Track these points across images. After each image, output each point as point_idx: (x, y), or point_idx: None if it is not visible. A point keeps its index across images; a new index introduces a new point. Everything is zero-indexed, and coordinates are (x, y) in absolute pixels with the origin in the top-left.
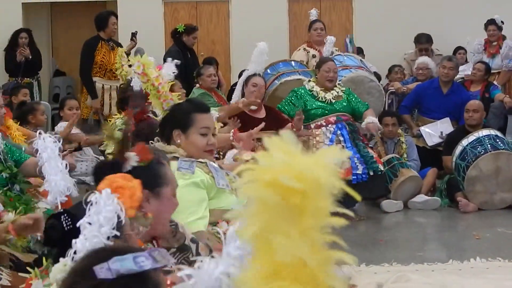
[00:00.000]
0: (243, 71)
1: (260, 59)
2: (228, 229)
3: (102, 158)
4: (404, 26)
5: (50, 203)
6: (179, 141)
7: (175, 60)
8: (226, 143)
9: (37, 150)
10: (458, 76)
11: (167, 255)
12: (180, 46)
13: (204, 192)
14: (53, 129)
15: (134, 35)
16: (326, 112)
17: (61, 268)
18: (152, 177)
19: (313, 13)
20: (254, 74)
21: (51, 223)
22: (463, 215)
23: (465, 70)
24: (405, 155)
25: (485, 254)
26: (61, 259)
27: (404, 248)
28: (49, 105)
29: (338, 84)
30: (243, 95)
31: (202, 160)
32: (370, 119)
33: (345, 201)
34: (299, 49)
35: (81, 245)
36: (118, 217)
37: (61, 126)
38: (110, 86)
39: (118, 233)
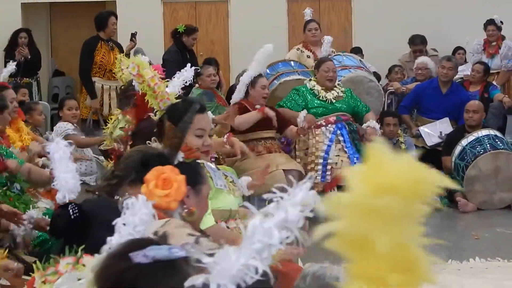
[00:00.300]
0: (243, 71)
1: (264, 61)
2: (248, 223)
3: (101, 158)
4: (403, 26)
5: (59, 200)
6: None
7: (182, 78)
8: (220, 146)
9: (48, 153)
10: (457, 76)
11: (200, 249)
12: (180, 46)
13: None
14: (52, 129)
15: (133, 35)
16: (327, 111)
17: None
18: (194, 174)
19: (308, 13)
20: (260, 75)
21: (58, 212)
22: (462, 215)
23: (464, 70)
24: None
25: (484, 254)
26: (96, 255)
27: None
28: (48, 105)
29: (338, 84)
30: (245, 95)
31: (199, 161)
32: (372, 123)
33: None
34: (293, 49)
35: (117, 242)
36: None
37: (61, 126)
38: (110, 86)
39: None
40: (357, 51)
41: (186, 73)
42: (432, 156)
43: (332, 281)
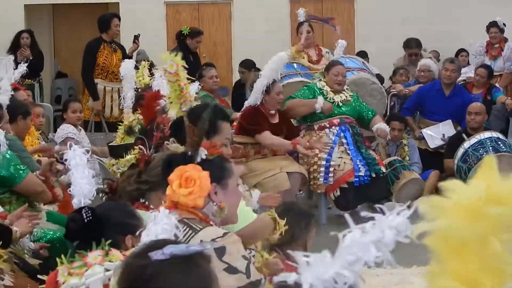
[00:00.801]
0: (255, 76)
1: (278, 68)
2: (347, 235)
3: (103, 159)
4: (406, 28)
5: (75, 205)
6: None
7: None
8: None
9: (65, 160)
10: (460, 78)
11: (217, 244)
12: (183, 48)
13: None
14: (55, 131)
15: (136, 37)
16: (332, 113)
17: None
18: (218, 170)
19: (301, 13)
20: (275, 81)
21: (72, 216)
22: None
23: (467, 73)
24: (407, 158)
25: None
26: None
27: (406, 251)
28: (51, 106)
29: (347, 88)
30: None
31: None
32: (382, 125)
33: (348, 203)
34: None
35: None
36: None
37: (63, 128)
38: (112, 88)
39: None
40: (362, 54)
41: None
42: (435, 159)
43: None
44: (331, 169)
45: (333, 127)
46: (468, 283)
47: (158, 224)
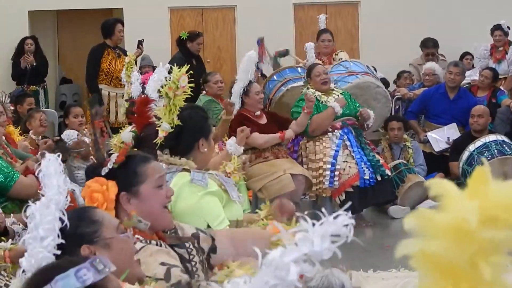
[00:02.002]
0: (232, 83)
1: (250, 68)
2: (270, 254)
3: None
4: (410, 32)
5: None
6: (206, 149)
7: (167, 65)
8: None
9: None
10: (464, 81)
11: (108, 262)
12: (185, 53)
13: (217, 199)
14: (59, 137)
15: (140, 43)
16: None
17: None
18: (127, 177)
19: (322, 19)
20: (250, 82)
21: None
22: None
23: (471, 76)
24: (411, 160)
25: None
26: (12, 282)
27: None
28: (56, 112)
29: (335, 87)
30: (241, 105)
31: (212, 172)
32: (367, 110)
33: (353, 207)
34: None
35: (27, 264)
36: (62, 221)
37: (67, 134)
38: (116, 93)
39: (63, 241)
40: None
41: None
42: (439, 162)
43: None
44: (336, 173)
45: (335, 131)
46: None
47: (39, 226)
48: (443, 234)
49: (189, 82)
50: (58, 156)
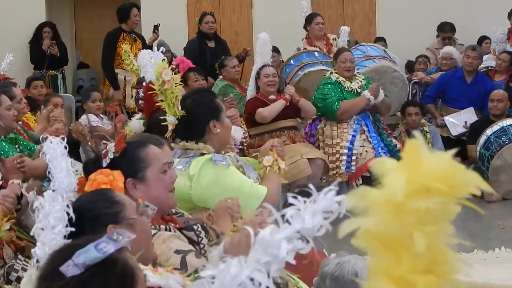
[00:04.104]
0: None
1: (265, 50)
2: (259, 233)
3: None
4: (428, 16)
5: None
6: (219, 130)
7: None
8: None
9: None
10: (482, 65)
11: (125, 232)
12: (199, 36)
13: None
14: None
15: (156, 27)
16: None
17: (28, 281)
18: (131, 164)
19: (304, 5)
20: (264, 65)
21: None
22: (487, 204)
23: (488, 59)
24: (429, 145)
25: (510, 243)
26: (25, 273)
27: None
28: (73, 97)
29: (358, 73)
30: (257, 90)
31: (230, 154)
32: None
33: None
34: (298, 48)
35: (41, 252)
36: (68, 214)
37: (85, 118)
38: (132, 78)
39: (73, 229)
40: (380, 40)
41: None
42: (457, 146)
43: (351, 278)
44: (353, 157)
45: (354, 116)
46: (400, 284)
47: (49, 214)
48: (378, 209)
49: (203, 64)
50: (63, 139)
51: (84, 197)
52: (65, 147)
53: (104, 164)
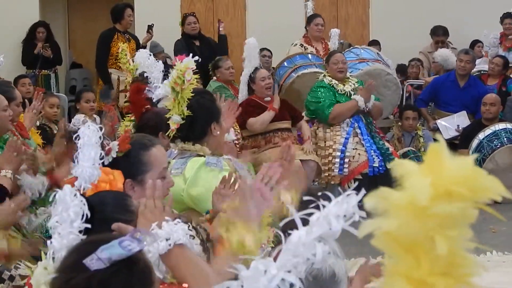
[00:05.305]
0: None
1: (254, 55)
2: (292, 234)
3: None
4: (421, 19)
5: (76, 189)
6: (218, 132)
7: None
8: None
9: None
10: (474, 69)
11: (148, 232)
12: (185, 37)
13: None
14: (69, 122)
15: (150, 27)
16: None
17: (43, 271)
18: (133, 166)
19: (309, 5)
20: (256, 69)
21: None
22: (479, 208)
23: (481, 63)
24: (422, 149)
25: (501, 247)
26: (39, 263)
27: None
28: (66, 97)
29: (351, 75)
30: (249, 93)
31: (226, 156)
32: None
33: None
34: (295, 44)
35: (58, 244)
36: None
37: (78, 118)
38: (126, 77)
39: (89, 226)
40: (375, 43)
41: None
42: (449, 149)
43: (330, 278)
44: (346, 160)
45: (347, 119)
46: (418, 286)
47: (68, 209)
48: (399, 212)
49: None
50: (100, 128)
51: (101, 197)
52: (100, 138)
53: (106, 162)
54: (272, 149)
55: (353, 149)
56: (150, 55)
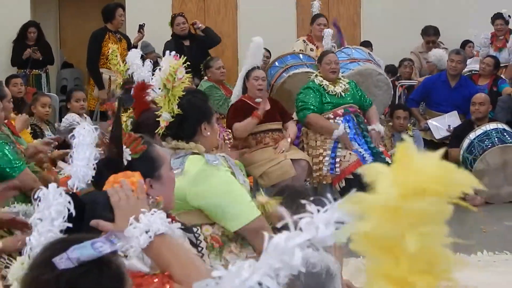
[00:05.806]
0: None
1: (258, 54)
2: (273, 238)
3: None
4: (412, 19)
5: (69, 188)
6: (209, 133)
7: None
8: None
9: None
10: (466, 69)
11: (123, 236)
12: (175, 37)
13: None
14: (60, 121)
15: (141, 27)
16: (337, 105)
17: (19, 266)
18: (148, 164)
19: (316, 5)
20: (253, 68)
21: None
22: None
23: (472, 63)
24: None
25: (492, 247)
26: (18, 258)
27: None
28: (57, 97)
29: (342, 76)
30: (244, 91)
31: (220, 154)
32: (377, 127)
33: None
34: (299, 40)
35: (36, 241)
36: (68, 209)
37: (68, 118)
38: (117, 78)
39: (70, 225)
40: (366, 44)
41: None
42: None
43: (326, 274)
44: (337, 159)
45: (337, 118)
46: (399, 285)
47: (50, 206)
48: (373, 213)
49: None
50: (96, 129)
51: (94, 195)
52: (95, 137)
53: (122, 166)
54: (263, 149)
55: (344, 149)
56: (142, 55)
